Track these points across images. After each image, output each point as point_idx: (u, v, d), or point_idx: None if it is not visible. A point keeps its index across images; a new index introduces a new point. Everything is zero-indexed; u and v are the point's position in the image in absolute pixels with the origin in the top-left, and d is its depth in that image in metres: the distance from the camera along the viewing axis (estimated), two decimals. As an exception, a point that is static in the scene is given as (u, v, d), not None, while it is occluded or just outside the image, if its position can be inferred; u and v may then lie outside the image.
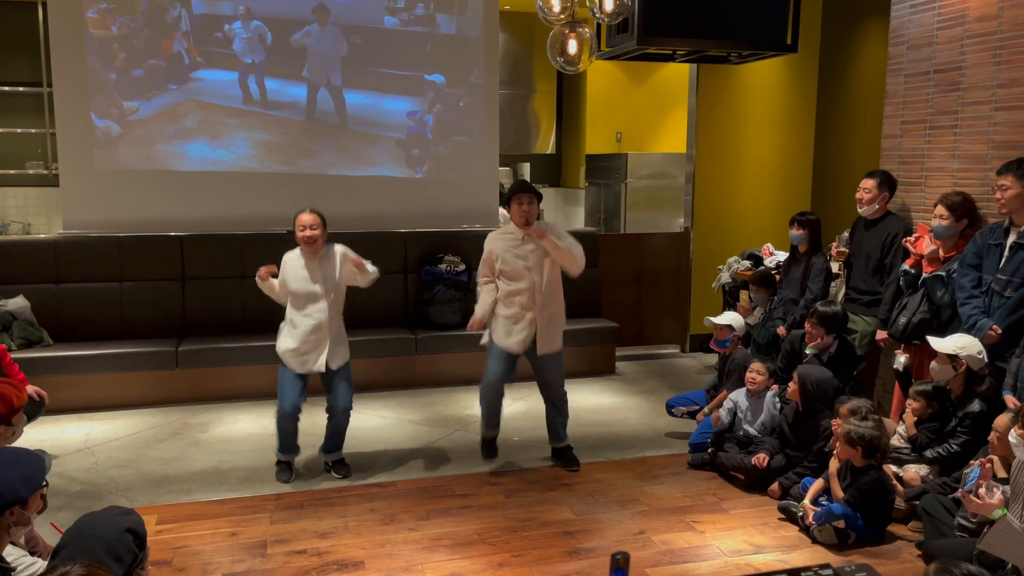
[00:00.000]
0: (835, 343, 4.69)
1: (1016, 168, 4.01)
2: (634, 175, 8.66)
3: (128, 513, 2.61)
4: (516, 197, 4.47)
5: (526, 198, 4.47)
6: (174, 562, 3.56)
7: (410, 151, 6.71)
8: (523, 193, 4.48)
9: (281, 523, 3.94)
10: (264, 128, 6.39)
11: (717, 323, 5.08)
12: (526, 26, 9.59)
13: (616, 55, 6.25)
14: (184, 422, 5.41)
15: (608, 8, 4.09)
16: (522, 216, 4.46)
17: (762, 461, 4.29)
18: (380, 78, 6.57)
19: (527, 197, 4.48)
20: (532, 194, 4.51)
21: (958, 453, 3.89)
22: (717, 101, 7.25)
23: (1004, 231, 4.11)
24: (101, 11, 5.98)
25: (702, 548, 3.73)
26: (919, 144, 5.03)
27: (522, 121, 9.94)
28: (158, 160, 6.20)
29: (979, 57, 4.58)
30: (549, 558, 3.62)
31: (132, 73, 6.10)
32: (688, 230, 7.38)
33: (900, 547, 3.77)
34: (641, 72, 9.43)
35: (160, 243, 6.07)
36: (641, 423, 5.47)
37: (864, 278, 5.02)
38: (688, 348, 7.45)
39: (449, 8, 6.65)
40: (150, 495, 4.27)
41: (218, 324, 6.08)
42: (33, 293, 5.74)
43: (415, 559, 3.60)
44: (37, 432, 4.94)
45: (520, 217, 4.47)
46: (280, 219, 6.41)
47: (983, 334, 4.00)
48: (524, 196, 4.47)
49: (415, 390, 6.09)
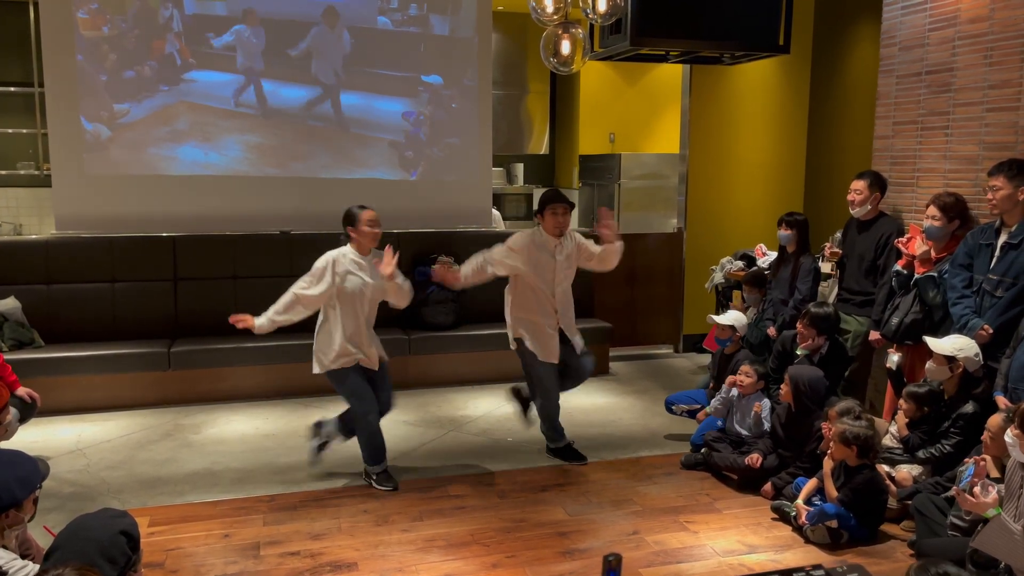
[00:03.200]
0: (826, 344, 4.71)
1: (1007, 169, 4.03)
2: (627, 175, 8.67)
3: (122, 515, 2.61)
4: (551, 207, 4.36)
5: (561, 208, 4.36)
6: (167, 564, 3.54)
7: (404, 153, 6.70)
8: (558, 203, 4.37)
9: (274, 524, 3.93)
10: (256, 130, 6.36)
11: (721, 323, 5.08)
12: (519, 26, 9.58)
13: (609, 56, 6.26)
14: (176, 423, 5.39)
15: (601, 9, 4.10)
16: (557, 227, 4.37)
17: (756, 461, 4.30)
18: (373, 79, 6.56)
19: (562, 207, 4.38)
20: (567, 204, 4.41)
21: (951, 454, 3.90)
22: (710, 102, 7.26)
23: (995, 231, 4.13)
24: (91, 11, 5.95)
25: (696, 548, 3.74)
26: (911, 145, 5.06)
27: (515, 122, 9.94)
28: (149, 163, 6.17)
29: (970, 58, 4.60)
30: (543, 559, 3.62)
31: (123, 75, 6.06)
32: (681, 230, 7.39)
33: (893, 546, 3.78)
34: (634, 73, 9.44)
35: (152, 244, 6.05)
36: (634, 423, 5.48)
37: (857, 279, 5.03)
38: (681, 348, 7.47)
39: (442, 9, 6.64)
40: (142, 497, 4.25)
41: (211, 325, 6.05)
42: (24, 294, 5.71)
43: (409, 560, 3.59)
44: (28, 434, 4.91)
45: (555, 228, 4.37)
46: (273, 220, 6.41)
47: (974, 334, 4.02)
48: (560, 206, 4.37)
49: (409, 391, 6.08)
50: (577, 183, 9.72)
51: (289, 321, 4.23)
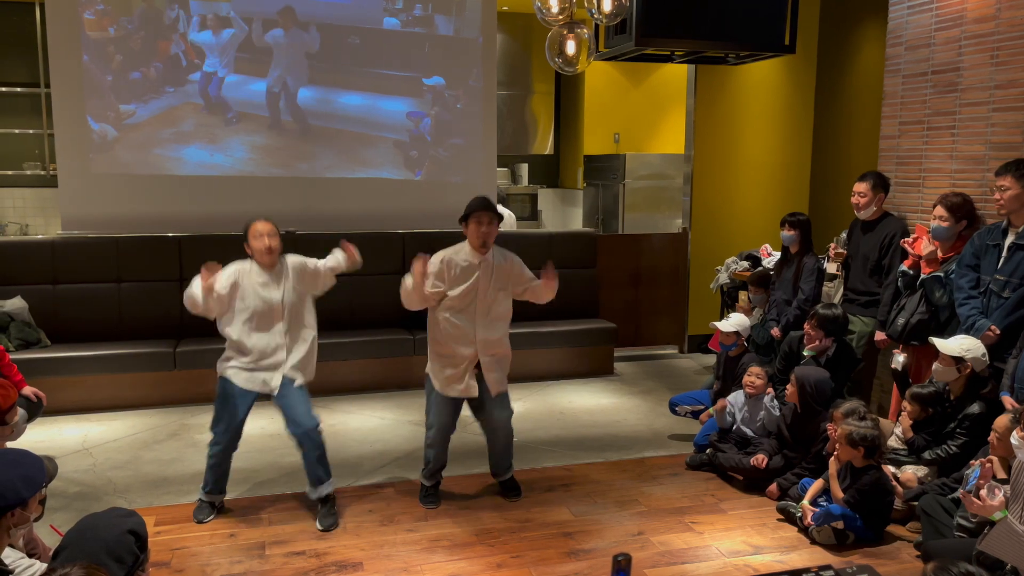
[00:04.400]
0: (833, 346, 4.70)
1: (1015, 169, 4.01)
2: (632, 176, 8.67)
3: (129, 515, 2.60)
4: (476, 215, 3.94)
5: (487, 216, 3.95)
6: (173, 563, 3.55)
7: (408, 153, 6.70)
8: (483, 212, 3.96)
9: (280, 524, 3.93)
10: (262, 131, 6.38)
11: (724, 329, 5.02)
12: (524, 27, 9.59)
13: (614, 56, 6.26)
14: (182, 423, 5.40)
15: (606, 9, 4.09)
16: (480, 237, 3.95)
17: (761, 462, 4.30)
18: (378, 79, 6.57)
19: (487, 216, 3.96)
20: (494, 213, 3.99)
21: (957, 455, 3.89)
22: (715, 102, 7.25)
23: (1002, 231, 4.11)
24: (98, 12, 5.97)
25: (701, 549, 3.73)
26: (917, 145, 5.04)
27: (520, 122, 9.94)
28: (155, 164, 6.19)
29: (977, 58, 4.59)
30: (548, 559, 3.62)
31: (129, 75, 6.08)
32: (686, 231, 7.38)
33: (899, 547, 3.77)
34: (639, 73, 9.43)
35: (158, 244, 6.06)
36: (639, 424, 5.47)
37: (862, 279, 5.02)
38: (686, 348, 7.46)
39: (447, 9, 6.65)
40: (148, 496, 4.26)
41: (216, 325, 6.06)
42: (31, 294, 5.73)
43: (414, 560, 3.60)
44: (35, 433, 4.93)
45: (478, 238, 3.95)
46: (278, 221, 6.36)
47: (981, 335, 4.01)
48: (485, 215, 3.95)
49: (413, 391, 6.08)
50: (582, 183, 9.72)
51: None
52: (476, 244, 3.99)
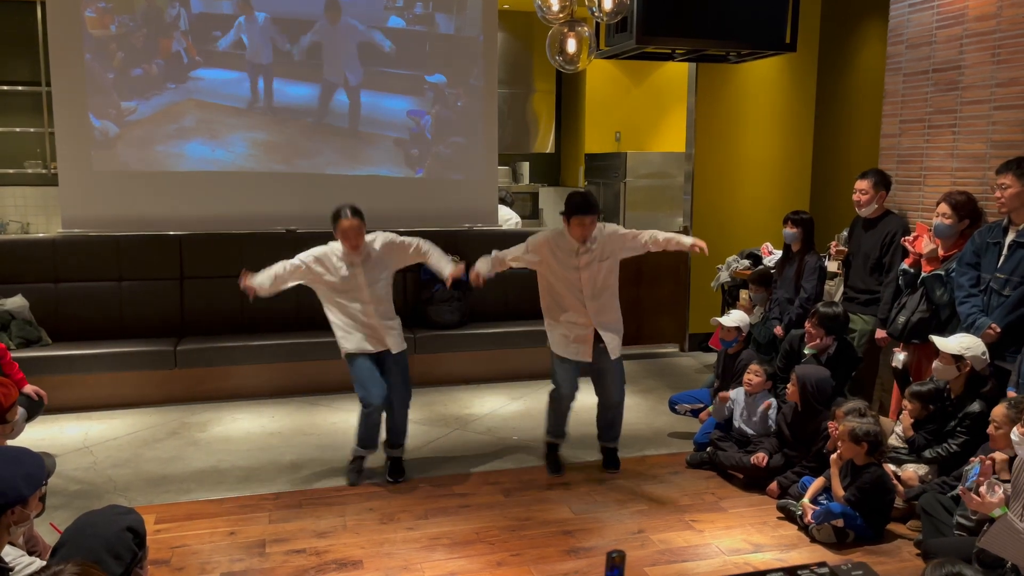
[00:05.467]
0: (834, 344, 4.69)
1: (1016, 167, 4.01)
2: (633, 174, 8.65)
3: (128, 512, 2.61)
4: (577, 218, 4.26)
5: (589, 219, 4.27)
6: (172, 561, 3.55)
7: (409, 151, 6.70)
8: (586, 215, 4.25)
9: (280, 522, 3.94)
10: (263, 128, 6.38)
11: (726, 325, 5.05)
12: (525, 25, 9.58)
13: (615, 54, 6.25)
14: (182, 421, 5.40)
15: (607, 7, 4.09)
16: (583, 236, 4.30)
17: (761, 460, 4.29)
18: (379, 77, 6.57)
19: (590, 218, 4.27)
20: (595, 214, 4.31)
21: (957, 453, 3.88)
22: (716, 100, 7.25)
23: (1003, 230, 4.11)
24: (99, 10, 5.97)
25: (701, 547, 3.73)
26: (918, 143, 5.04)
27: (521, 120, 9.93)
28: (157, 160, 6.19)
29: (978, 56, 4.58)
30: (548, 557, 3.62)
31: (131, 73, 6.09)
32: (687, 229, 7.37)
33: (899, 546, 3.77)
34: (640, 71, 9.42)
35: (159, 242, 6.06)
36: (640, 422, 5.47)
37: (863, 277, 5.02)
38: (687, 347, 7.45)
39: (448, 7, 6.64)
40: (148, 494, 4.27)
41: (217, 323, 6.07)
42: (31, 292, 5.73)
43: (414, 558, 3.60)
44: (36, 431, 4.93)
45: (580, 236, 4.31)
46: (279, 218, 6.42)
47: (982, 333, 4.00)
48: (587, 217, 4.26)
49: (414, 389, 6.04)
50: (583, 182, 9.71)
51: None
52: (578, 239, 4.33)
